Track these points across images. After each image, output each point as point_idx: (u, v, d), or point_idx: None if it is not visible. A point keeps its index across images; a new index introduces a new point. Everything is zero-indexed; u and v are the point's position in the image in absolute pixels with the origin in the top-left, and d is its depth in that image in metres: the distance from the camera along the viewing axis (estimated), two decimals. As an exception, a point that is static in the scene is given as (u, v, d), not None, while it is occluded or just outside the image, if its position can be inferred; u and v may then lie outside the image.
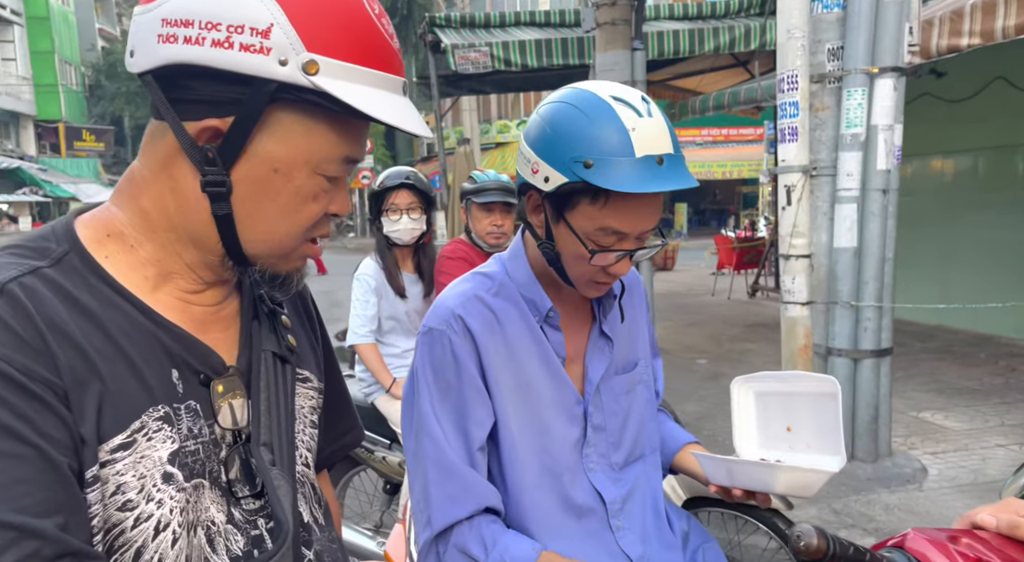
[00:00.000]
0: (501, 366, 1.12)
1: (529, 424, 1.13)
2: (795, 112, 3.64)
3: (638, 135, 0.98)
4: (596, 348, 1.19)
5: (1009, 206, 6.68)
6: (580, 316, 1.21)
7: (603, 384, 1.19)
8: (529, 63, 7.58)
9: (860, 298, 3.70)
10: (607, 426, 1.18)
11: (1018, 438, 4.28)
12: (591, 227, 1.03)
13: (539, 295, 1.15)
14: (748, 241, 10.62)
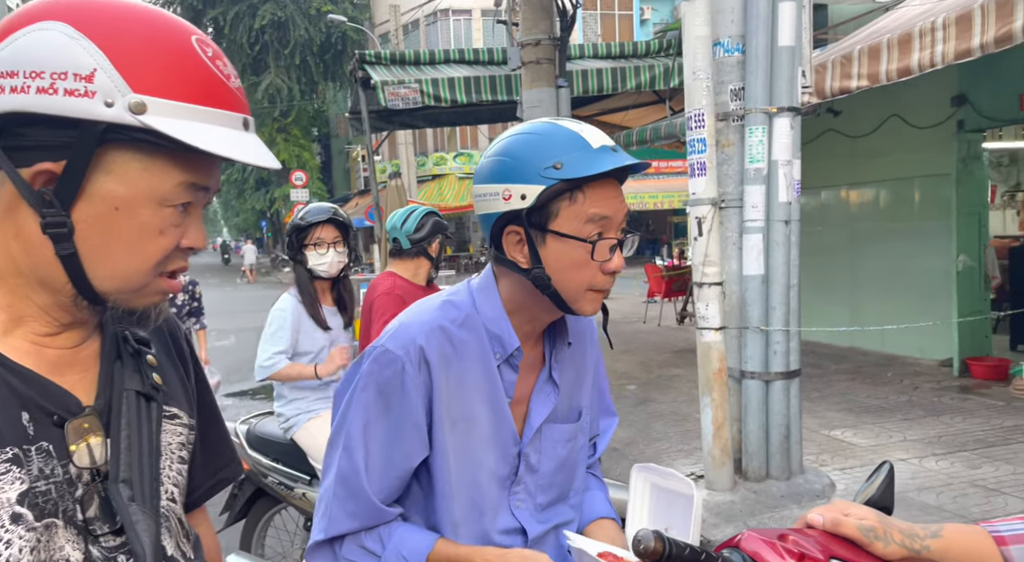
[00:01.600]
0: (449, 399, 1.12)
1: (465, 458, 1.14)
2: (703, 148, 3.86)
3: (587, 134, 1.09)
4: (542, 392, 1.20)
5: (909, 234, 7.15)
6: (532, 358, 1.21)
7: (545, 428, 1.20)
8: (459, 99, 7.76)
9: (769, 323, 3.91)
10: (541, 469, 1.20)
11: (917, 452, 4.56)
12: (579, 223, 1.07)
13: (508, 332, 1.15)
14: (677, 269, 10.97)
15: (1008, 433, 4.80)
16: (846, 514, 0.92)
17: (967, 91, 6.46)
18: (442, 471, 1.13)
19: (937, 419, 5.21)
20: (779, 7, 3.78)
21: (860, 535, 0.89)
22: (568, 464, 1.24)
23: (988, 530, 0.93)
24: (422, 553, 1.11)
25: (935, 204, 6.85)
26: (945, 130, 6.59)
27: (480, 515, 1.17)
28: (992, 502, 3.74)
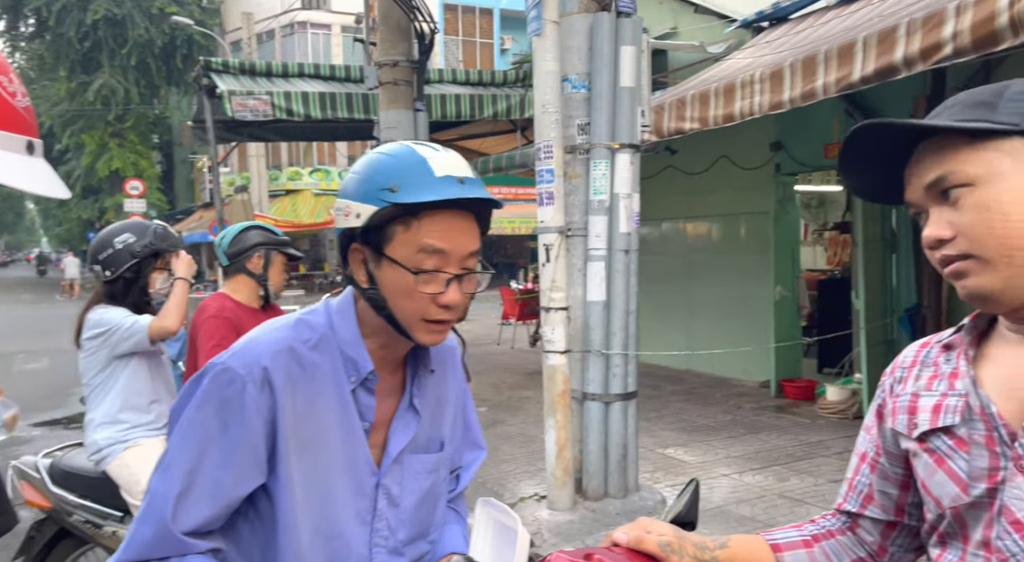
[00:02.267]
0: (297, 423, 1.08)
1: (312, 486, 1.09)
2: (551, 178, 4.02)
3: (436, 161, 1.06)
4: (402, 420, 1.17)
5: (735, 266, 7.83)
6: (392, 384, 1.18)
7: (406, 458, 1.17)
8: (313, 114, 7.57)
9: (609, 347, 4.11)
10: (403, 503, 1.17)
11: (738, 468, 4.95)
12: (410, 251, 1.05)
13: (362, 356, 1.12)
14: (530, 293, 11.27)
15: (812, 448, 5.34)
16: (648, 531, 0.98)
17: (783, 138, 7.22)
18: (286, 498, 1.07)
19: (756, 436, 5.70)
20: (621, 50, 4.04)
21: (659, 550, 0.95)
22: (430, 498, 1.21)
23: (767, 539, 1.04)
24: None
25: (757, 239, 7.56)
26: (765, 172, 7.31)
27: (327, 544, 1.11)
28: (796, 512, 4.13)
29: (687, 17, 8.67)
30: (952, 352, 0.90)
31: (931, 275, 5.75)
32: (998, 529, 0.78)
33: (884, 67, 3.77)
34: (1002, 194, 0.77)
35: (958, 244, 0.80)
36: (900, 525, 0.98)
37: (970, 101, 0.82)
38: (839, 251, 11.23)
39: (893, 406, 0.95)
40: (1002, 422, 0.79)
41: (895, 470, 0.97)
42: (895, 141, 0.84)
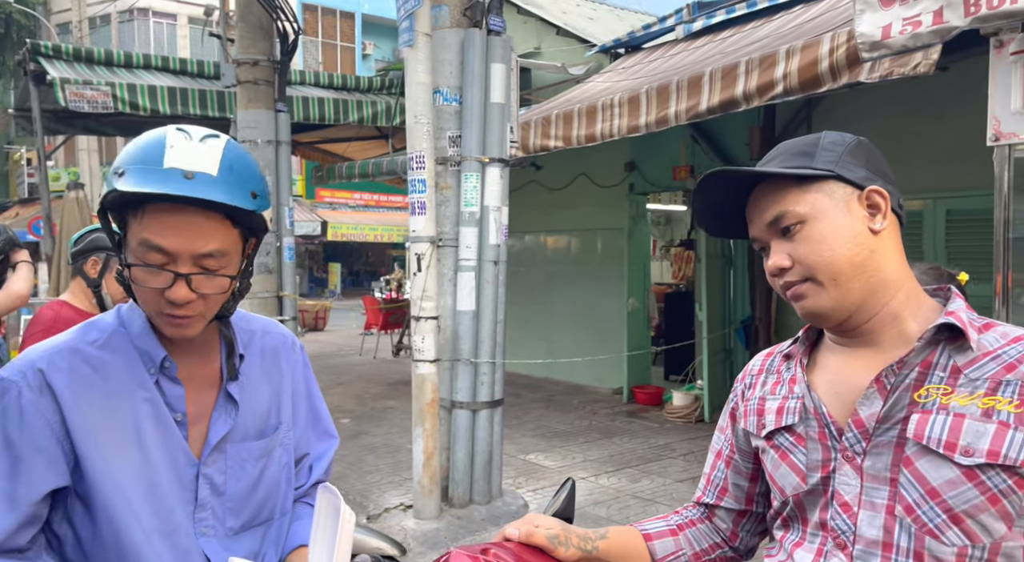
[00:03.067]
0: (99, 422, 1.06)
1: (137, 483, 1.07)
2: (423, 188, 4.05)
3: (175, 152, 1.00)
4: (222, 409, 1.16)
5: (592, 278, 8.23)
6: (207, 374, 1.17)
7: (230, 447, 1.16)
8: (161, 109, 7.09)
9: (478, 355, 4.19)
10: (228, 490, 1.15)
11: (595, 470, 5.21)
12: (135, 243, 1.02)
13: (152, 344, 1.10)
14: (394, 302, 11.16)
15: (661, 450, 5.72)
16: (536, 526, 1.05)
17: (636, 159, 7.71)
18: (106, 497, 1.05)
19: (610, 441, 6.02)
20: (492, 67, 4.17)
21: (547, 543, 1.03)
22: (264, 484, 1.20)
23: (639, 529, 1.15)
24: None
25: (612, 253, 8.00)
26: (620, 191, 7.77)
27: (164, 539, 1.09)
28: (648, 510, 4.42)
29: (550, 38, 9.03)
30: (791, 361, 1.06)
31: (763, 289, 6.38)
32: (831, 511, 0.93)
33: (727, 100, 4.16)
34: (826, 228, 0.92)
35: (796, 271, 0.94)
36: (750, 513, 1.13)
37: (793, 150, 0.98)
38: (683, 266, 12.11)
39: (744, 409, 1.10)
40: (831, 420, 0.95)
41: (746, 465, 1.12)
42: (737, 185, 0.99)
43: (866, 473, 0.91)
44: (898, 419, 0.89)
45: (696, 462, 5.34)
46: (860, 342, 0.96)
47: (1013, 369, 0.85)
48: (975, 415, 0.84)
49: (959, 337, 0.88)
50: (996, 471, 0.82)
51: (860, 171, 0.94)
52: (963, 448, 0.83)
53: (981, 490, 0.83)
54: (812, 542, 0.95)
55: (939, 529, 0.84)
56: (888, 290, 0.93)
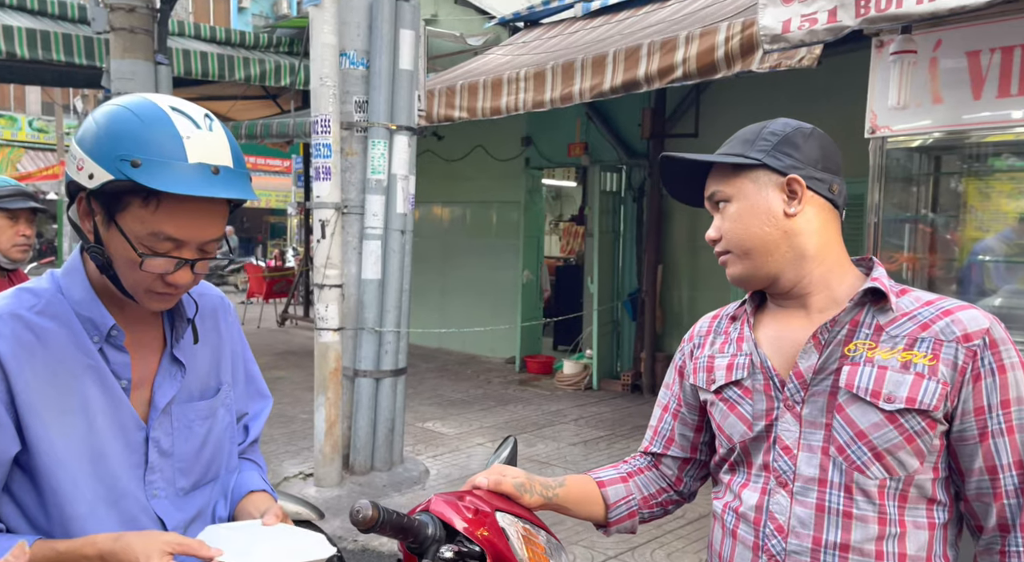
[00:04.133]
0: (41, 391, 1.02)
1: (81, 451, 1.05)
2: (328, 153, 3.96)
3: (193, 143, 0.98)
4: (167, 373, 1.15)
5: (487, 250, 8.34)
6: (150, 339, 1.15)
7: (176, 409, 1.15)
8: (19, 53, 6.43)
9: (383, 324, 4.19)
10: (175, 452, 1.15)
11: (492, 436, 5.36)
12: (143, 231, 1.00)
13: (99, 313, 1.08)
14: (278, 271, 10.76)
15: (553, 416, 5.97)
16: (503, 475, 1.13)
17: (533, 134, 7.85)
18: (49, 466, 1.03)
19: (504, 408, 6.20)
20: (401, 33, 4.11)
21: (514, 490, 1.11)
22: (211, 443, 1.21)
23: (593, 477, 1.26)
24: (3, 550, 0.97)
25: (507, 226, 8.13)
26: (517, 165, 7.89)
27: (111, 507, 1.08)
28: (544, 472, 4.62)
29: (447, 7, 8.93)
30: (737, 322, 1.18)
31: (650, 264, 6.74)
32: (774, 454, 1.07)
33: (630, 81, 4.34)
34: (744, 209, 1.07)
35: (722, 243, 1.10)
36: (693, 460, 1.26)
37: (741, 138, 1.10)
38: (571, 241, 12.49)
39: (693, 367, 1.21)
40: (775, 373, 1.08)
41: (692, 417, 1.24)
42: (692, 164, 1.13)
43: (804, 419, 1.04)
44: (831, 370, 1.02)
45: (587, 426, 5.62)
46: (796, 304, 1.09)
47: (927, 328, 1.00)
48: (895, 367, 0.98)
49: (881, 300, 1.03)
50: (913, 415, 0.97)
51: (787, 160, 1.05)
52: (886, 396, 0.98)
53: (900, 431, 0.98)
54: (757, 482, 1.08)
55: (865, 465, 0.99)
56: (809, 263, 1.06)
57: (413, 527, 0.98)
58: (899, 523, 0.99)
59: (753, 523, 1.07)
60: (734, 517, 1.11)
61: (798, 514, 1.03)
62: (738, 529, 1.09)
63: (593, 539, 3.56)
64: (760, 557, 1.05)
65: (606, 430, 5.55)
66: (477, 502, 1.06)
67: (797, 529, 1.03)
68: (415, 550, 1.00)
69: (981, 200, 2.63)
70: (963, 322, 0.99)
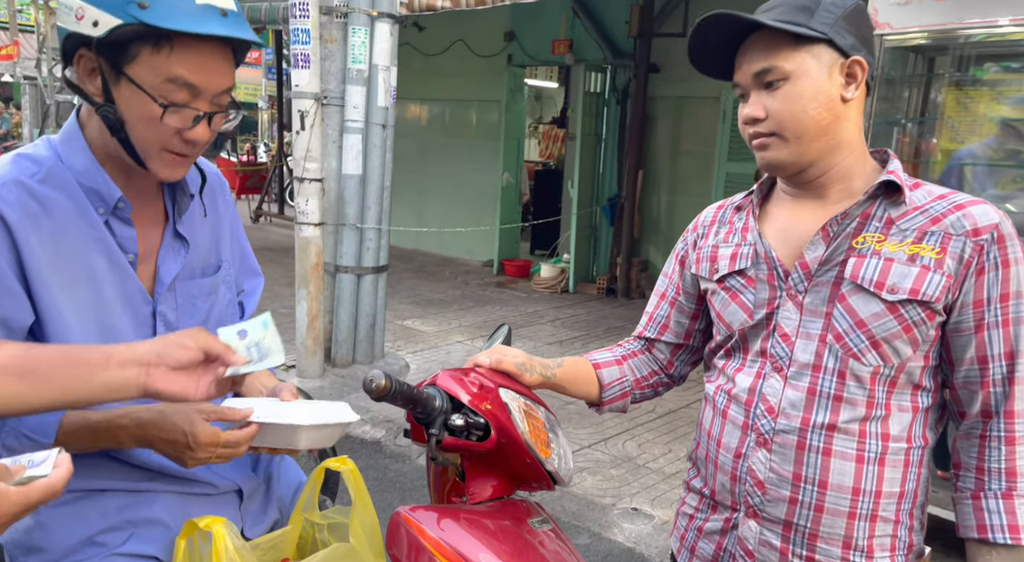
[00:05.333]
0: (49, 260, 1.01)
1: (88, 321, 1.05)
2: (307, 39, 3.79)
3: None
4: (170, 248, 1.15)
5: (467, 151, 8.20)
6: (152, 213, 1.14)
7: (179, 285, 1.16)
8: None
9: (364, 221, 4.16)
10: (180, 327, 1.15)
11: (470, 335, 5.48)
12: (157, 79, 0.97)
13: (104, 183, 1.05)
14: (251, 166, 10.50)
15: (530, 317, 6.09)
16: (504, 355, 1.17)
17: (516, 29, 7.55)
18: (61, 337, 1.03)
19: (482, 308, 6.30)
20: (385, -90, 3.86)
21: (515, 369, 1.15)
22: (213, 320, 1.22)
23: (588, 359, 1.30)
24: (51, 424, 0.98)
25: (487, 127, 7.97)
26: (499, 62, 7.64)
27: None
28: (522, 367, 4.77)
29: None
30: (742, 212, 1.18)
31: (631, 168, 6.71)
32: (772, 341, 1.10)
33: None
34: (805, 89, 0.99)
35: (767, 124, 1.03)
36: (686, 346, 1.31)
37: (794, 4, 1.00)
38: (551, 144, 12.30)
39: (696, 256, 1.22)
40: (779, 263, 1.09)
41: (689, 305, 1.27)
42: (732, 29, 1.04)
43: (805, 308, 1.06)
44: (837, 262, 1.03)
45: (563, 327, 5.76)
46: (811, 195, 1.08)
47: (937, 222, 1.01)
48: (902, 260, 0.99)
49: (895, 193, 1.03)
50: (914, 306, 1.00)
51: (850, 38, 0.99)
52: (889, 287, 1.00)
53: (899, 321, 1.00)
54: (752, 367, 1.12)
55: (861, 352, 1.02)
56: (842, 152, 1.04)
57: (423, 398, 1.02)
58: (885, 406, 1.04)
59: (744, 404, 1.11)
60: (726, 398, 1.15)
61: (789, 396, 1.07)
62: (729, 409, 1.14)
63: (569, 430, 3.73)
64: (749, 436, 1.10)
65: (581, 331, 5.70)
66: (481, 378, 1.10)
67: (787, 410, 1.06)
68: (422, 420, 1.05)
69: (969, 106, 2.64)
70: (974, 216, 1.00)
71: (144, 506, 1.11)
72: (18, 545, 1.06)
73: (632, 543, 2.75)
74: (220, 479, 1.19)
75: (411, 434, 1.09)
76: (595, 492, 3.11)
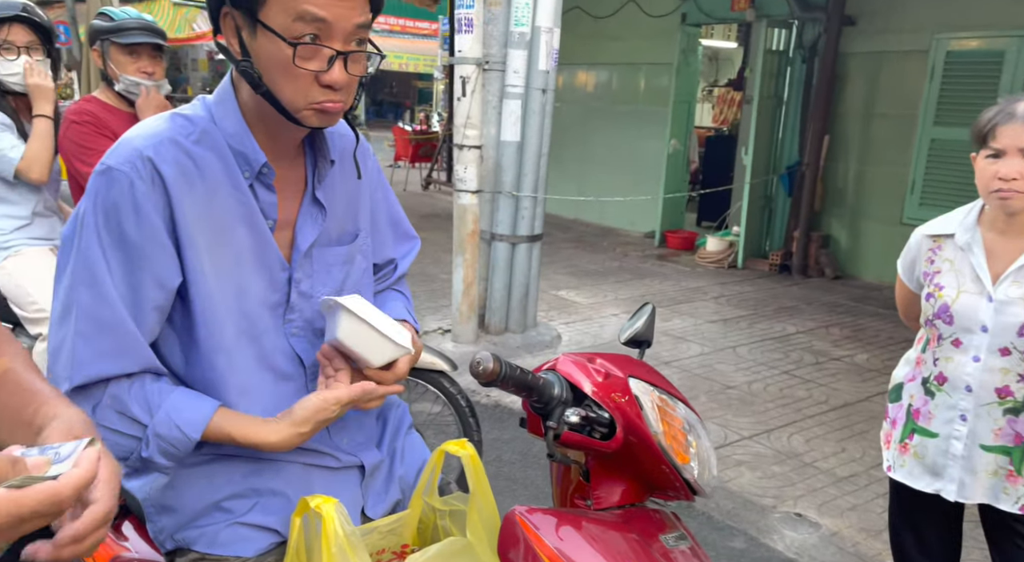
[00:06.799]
0: (197, 220, 1.01)
1: (226, 284, 1.05)
2: (471, 3, 3.75)
3: None
4: (308, 215, 1.13)
5: (632, 117, 7.89)
6: (293, 179, 1.12)
7: (316, 252, 1.14)
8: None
9: (520, 189, 4.10)
10: (315, 294, 1.14)
11: (625, 308, 5.30)
12: (288, 18, 0.94)
13: (251, 147, 1.04)
14: (423, 135, 10.90)
15: (692, 293, 5.77)
16: None
17: (693, -13, 7.08)
18: (203, 298, 1.03)
19: (641, 281, 6.07)
20: None
21: None
22: (348, 287, 1.19)
23: None
24: (199, 423, 1.00)
25: (656, 91, 7.59)
26: (672, 21, 7.21)
27: (252, 342, 1.09)
28: (679, 347, 4.53)
29: None
30: None
31: (816, 133, 6.08)
32: None
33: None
34: None
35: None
36: None
37: None
38: (725, 109, 11.56)
39: None
40: None
41: None
42: None
43: None
44: None
45: (727, 305, 5.40)
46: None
47: None
48: None
49: None
50: None
51: None
52: None
53: None
54: None
55: None
56: None
57: (537, 385, 0.91)
58: None
59: None
60: None
61: None
62: None
63: (728, 417, 3.47)
64: None
65: (748, 310, 5.31)
66: (608, 365, 0.96)
67: None
68: (539, 410, 0.94)
69: None
70: None
71: (269, 475, 1.11)
72: (153, 503, 1.10)
73: (794, 554, 2.47)
74: (343, 453, 1.16)
75: (527, 424, 0.98)
76: (754, 490, 2.85)
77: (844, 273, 6.38)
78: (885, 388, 1.88)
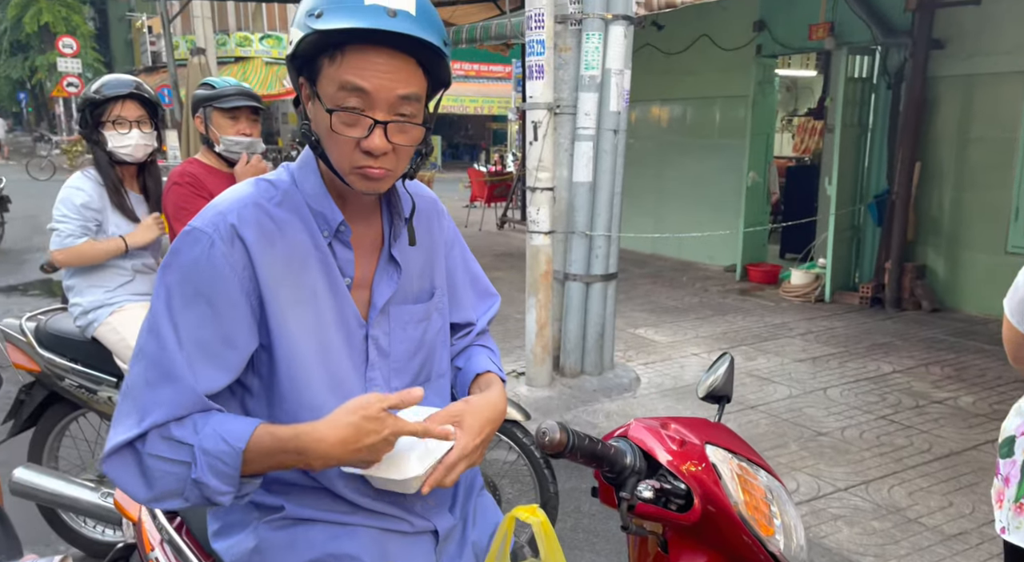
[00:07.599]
0: (280, 281, 1.05)
1: (310, 340, 1.08)
2: (541, 50, 3.81)
3: None
4: (384, 273, 1.15)
5: (709, 150, 7.77)
6: (370, 238, 1.15)
7: (392, 309, 1.16)
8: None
9: (593, 228, 4.08)
10: (392, 352, 1.16)
11: (707, 347, 5.13)
12: (333, 88, 1.00)
13: (329, 207, 1.09)
14: (498, 175, 11.08)
15: (776, 329, 5.55)
16: None
17: (766, 17, 6.97)
18: (287, 354, 1.06)
19: (723, 318, 5.89)
20: (620, -92, 3.73)
21: None
22: (424, 346, 1.21)
23: None
24: (244, 433, 0.99)
25: (732, 124, 7.46)
26: (746, 54, 7.11)
27: (339, 401, 1.08)
28: (764, 389, 4.34)
29: None
30: None
31: (904, 161, 5.81)
32: None
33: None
34: None
35: None
36: None
37: None
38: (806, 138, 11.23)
39: None
40: None
41: None
42: None
43: None
44: None
45: (815, 342, 5.15)
46: None
47: None
48: None
49: None
50: None
51: None
52: None
53: None
54: None
55: None
56: None
57: (608, 455, 0.88)
58: None
59: None
60: None
61: None
62: None
63: (821, 467, 3.27)
64: None
65: (838, 347, 5.05)
66: (683, 431, 0.92)
67: None
68: (611, 480, 0.91)
69: None
70: None
71: (346, 539, 1.11)
72: None
73: (896, 615, 2.30)
74: (416, 518, 1.16)
75: (599, 494, 0.95)
76: (852, 548, 2.66)
77: (943, 306, 6.00)
78: (994, 436, 1.73)
